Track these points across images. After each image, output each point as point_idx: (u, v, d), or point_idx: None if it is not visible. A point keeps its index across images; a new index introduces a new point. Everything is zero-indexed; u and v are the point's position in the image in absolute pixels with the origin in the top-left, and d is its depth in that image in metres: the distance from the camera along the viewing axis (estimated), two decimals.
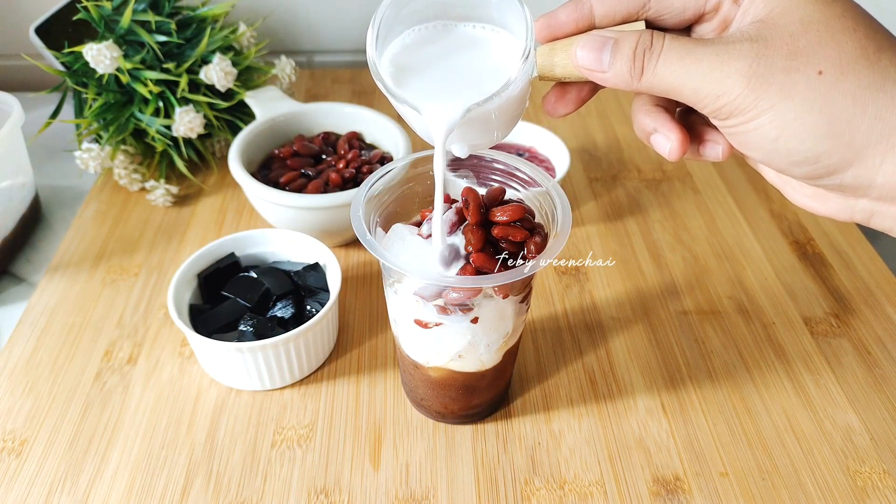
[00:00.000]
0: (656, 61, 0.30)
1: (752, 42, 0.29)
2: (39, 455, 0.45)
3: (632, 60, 0.31)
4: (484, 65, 0.36)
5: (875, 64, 0.28)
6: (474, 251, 0.38)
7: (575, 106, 0.36)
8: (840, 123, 0.28)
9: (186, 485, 0.44)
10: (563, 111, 0.37)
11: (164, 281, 0.58)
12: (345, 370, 0.51)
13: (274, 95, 0.68)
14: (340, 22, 0.89)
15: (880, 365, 0.52)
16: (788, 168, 0.31)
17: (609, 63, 0.31)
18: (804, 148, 0.29)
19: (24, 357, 0.52)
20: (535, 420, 0.48)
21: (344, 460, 0.45)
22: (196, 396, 0.49)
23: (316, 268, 0.53)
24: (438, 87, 0.35)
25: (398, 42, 0.36)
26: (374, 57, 0.34)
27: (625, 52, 0.31)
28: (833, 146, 0.29)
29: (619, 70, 0.31)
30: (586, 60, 0.32)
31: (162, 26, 0.65)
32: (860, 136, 0.29)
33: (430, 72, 0.36)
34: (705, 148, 0.35)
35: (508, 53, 0.36)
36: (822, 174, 0.30)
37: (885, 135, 0.28)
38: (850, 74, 0.28)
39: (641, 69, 0.31)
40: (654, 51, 0.30)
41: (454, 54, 0.36)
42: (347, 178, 0.59)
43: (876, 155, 0.29)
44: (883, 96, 0.28)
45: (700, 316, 0.56)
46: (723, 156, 0.35)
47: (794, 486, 0.44)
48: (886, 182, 0.29)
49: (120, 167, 0.66)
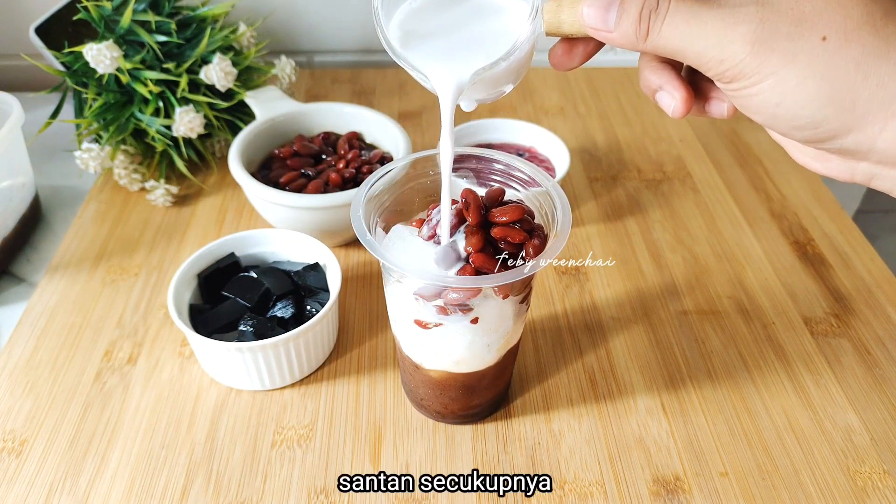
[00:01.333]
0: (661, 23, 0.30)
1: (757, 6, 0.29)
2: (39, 455, 0.45)
3: (637, 21, 0.31)
4: (491, 27, 0.36)
5: (881, 30, 0.28)
6: (474, 252, 0.38)
7: (581, 60, 0.36)
8: (842, 91, 0.29)
9: (186, 485, 0.44)
10: (569, 65, 0.36)
11: (164, 281, 0.58)
12: (345, 370, 0.51)
13: (274, 95, 0.68)
14: (340, 22, 0.89)
15: (880, 365, 0.52)
16: (790, 132, 0.31)
17: (615, 23, 0.31)
18: (805, 114, 0.29)
19: (24, 357, 0.52)
20: (535, 420, 0.48)
21: (344, 460, 0.45)
22: (196, 396, 0.49)
23: (316, 268, 0.53)
24: (447, 50, 0.35)
25: (405, 7, 0.36)
26: (382, 20, 0.34)
27: (631, 13, 0.31)
28: (834, 112, 0.29)
29: (625, 30, 0.31)
30: (592, 19, 0.32)
31: (162, 26, 0.65)
32: (861, 104, 0.29)
33: (438, 36, 0.36)
34: (710, 105, 0.35)
35: (515, 14, 0.36)
36: (822, 138, 0.31)
37: (887, 102, 0.28)
38: (854, 41, 0.28)
39: (647, 30, 0.31)
40: (660, 12, 0.30)
41: (461, 18, 0.36)
42: (347, 178, 0.59)
43: (877, 122, 0.29)
44: (886, 64, 0.28)
45: (700, 316, 0.56)
46: (727, 113, 0.35)
47: (794, 486, 0.44)
48: (887, 147, 0.29)
49: (120, 167, 0.66)
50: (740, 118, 0.82)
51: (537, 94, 0.86)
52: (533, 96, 0.85)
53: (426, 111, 0.82)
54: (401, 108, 0.82)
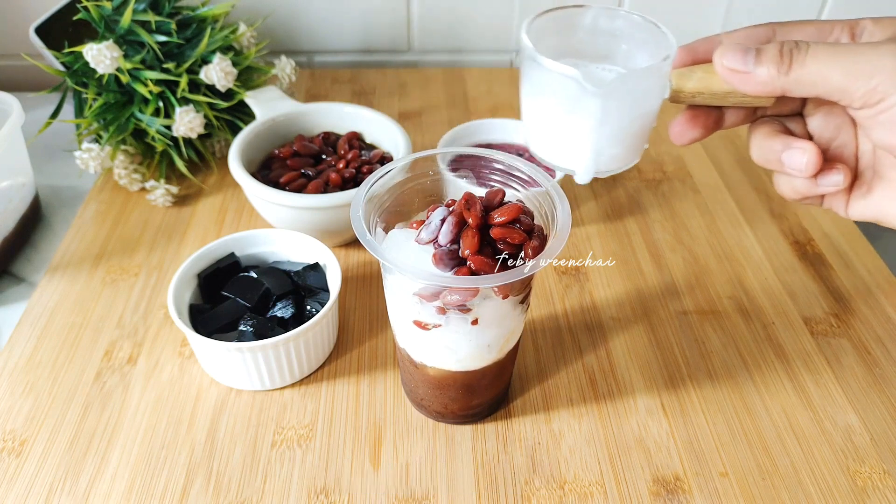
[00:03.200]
0: (805, 54, 0.32)
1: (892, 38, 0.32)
2: (39, 455, 0.45)
3: (779, 56, 0.32)
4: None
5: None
6: (472, 253, 0.38)
7: (702, 131, 0.38)
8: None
9: (186, 485, 0.44)
10: (689, 136, 0.38)
11: (164, 281, 0.58)
12: (345, 370, 0.51)
13: (274, 95, 0.68)
14: (340, 22, 0.89)
15: (880, 365, 0.52)
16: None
17: (754, 63, 0.33)
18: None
19: (24, 357, 0.52)
20: (535, 420, 0.48)
21: (344, 460, 0.45)
22: (196, 396, 0.49)
23: (316, 268, 0.53)
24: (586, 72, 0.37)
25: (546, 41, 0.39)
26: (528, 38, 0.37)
27: (771, 52, 0.33)
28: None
29: (767, 66, 0.32)
30: (731, 61, 0.33)
31: (162, 26, 0.65)
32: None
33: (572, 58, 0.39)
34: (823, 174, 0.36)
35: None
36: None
37: None
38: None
39: (790, 62, 0.32)
40: (802, 47, 0.32)
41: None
42: (347, 178, 0.59)
43: None
44: None
45: (700, 316, 0.56)
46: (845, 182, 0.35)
47: (794, 486, 0.44)
48: None
49: (120, 167, 0.66)
50: None
51: None
52: None
53: (426, 111, 0.82)
54: (401, 108, 0.82)
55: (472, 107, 0.83)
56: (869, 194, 0.36)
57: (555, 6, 0.40)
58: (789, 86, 0.33)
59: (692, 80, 0.36)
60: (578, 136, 0.38)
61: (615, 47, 0.41)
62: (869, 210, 0.36)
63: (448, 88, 0.86)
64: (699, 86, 0.36)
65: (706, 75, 0.36)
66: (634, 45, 0.40)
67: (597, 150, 0.38)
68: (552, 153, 0.40)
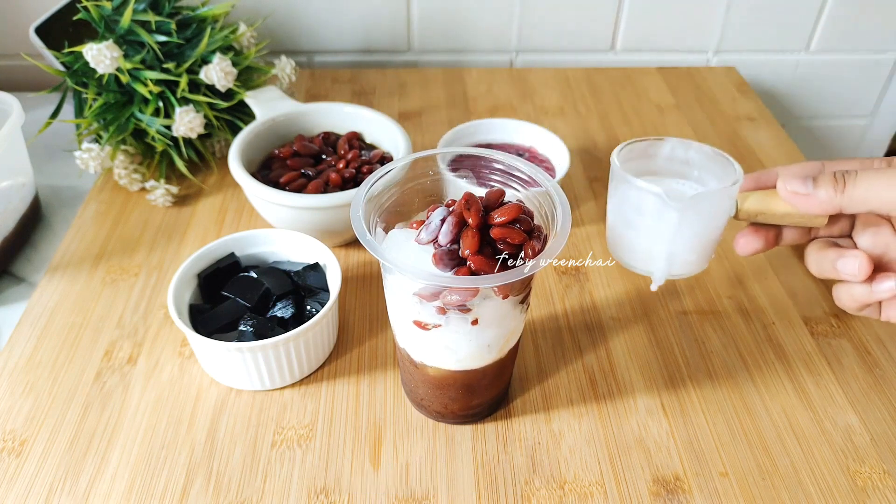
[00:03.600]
0: (854, 178, 0.39)
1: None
2: (39, 455, 0.45)
3: (833, 181, 0.39)
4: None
5: None
6: (471, 254, 0.38)
7: (764, 244, 0.45)
8: None
9: (186, 485, 0.44)
10: (752, 248, 0.45)
11: (164, 281, 0.58)
12: (345, 370, 0.51)
13: (274, 95, 0.68)
14: (340, 22, 0.89)
15: (880, 365, 0.52)
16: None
17: (813, 187, 0.39)
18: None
19: (24, 357, 0.52)
20: (535, 420, 0.48)
21: (344, 460, 0.45)
22: (196, 396, 0.49)
23: (316, 268, 0.53)
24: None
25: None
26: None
27: (826, 178, 0.39)
28: None
29: (825, 189, 0.39)
30: (793, 185, 0.40)
31: (162, 26, 0.65)
32: None
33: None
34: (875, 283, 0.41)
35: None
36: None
37: None
38: None
39: (844, 184, 0.39)
40: (852, 173, 0.39)
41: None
42: (347, 178, 0.59)
43: None
44: None
45: (700, 316, 0.56)
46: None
47: (794, 486, 0.44)
48: None
49: (120, 167, 0.66)
50: (739, 116, 0.82)
51: (537, 94, 0.86)
52: (533, 96, 0.85)
53: (426, 111, 0.82)
54: (401, 108, 0.82)
55: (472, 107, 0.83)
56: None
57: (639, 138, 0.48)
58: (844, 203, 0.39)
59: (755, 201, 0.43)
60: (657, 243, 0.44)
61: (688, 172, 0.48)
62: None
63: (448, 88, 0.86)
64: (761, 207, 0.43)
65: (768, 198, 0.42)
66: (705, 171, 0.47)
67: (671, 256, 0.44)
68: (633, 258, 0.47)
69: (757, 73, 0.96)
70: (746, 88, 0.89)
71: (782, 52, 0.94)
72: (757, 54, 0.94)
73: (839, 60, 0.96)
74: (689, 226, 0.44)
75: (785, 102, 0.99)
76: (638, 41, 0.93)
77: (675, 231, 0.43)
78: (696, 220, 0.44)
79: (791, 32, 0.93)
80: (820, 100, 0.99)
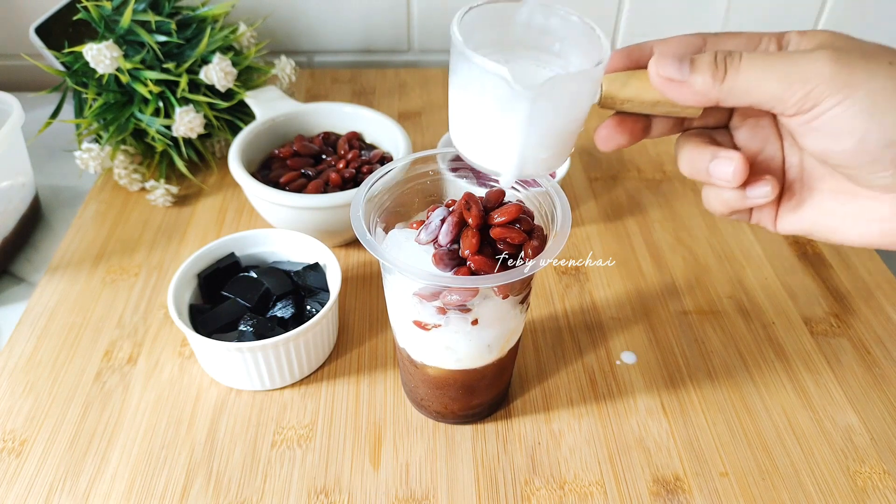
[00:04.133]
0: (739, 61, 0.31)
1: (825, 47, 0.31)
2: (39, 455, 0.45)
3: (713, 65, 0.32)
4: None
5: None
6: (472, 254, 0.38)
7: (629, 138, 0.38)
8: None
9: (186, 485, 0.44)
10: (615, 142, 0.38)
11: (164, 281, 0.58)
12: (345, 370, 0.51)
13: (274, 95, 0.68)
14: (340, 22, 0.89)
15: (880, 365, 0.52)
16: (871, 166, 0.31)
17: (689, 71, 0.32)
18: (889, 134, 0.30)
19: (24, 357, 0.52)
20: (535, 420, 0.48)
21: (344, 460, 0.45)
22: (196, 396, 0.49)
23: (316, 268, 0.53)
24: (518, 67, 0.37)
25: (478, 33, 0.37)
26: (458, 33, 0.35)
27: (705, 60, 0.32)
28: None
29: (702, 76, 0.32)
30: (666, 70, 0.33)
31: (162, 26, 0.65)
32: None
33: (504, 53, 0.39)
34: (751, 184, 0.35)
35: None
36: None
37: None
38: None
39: (725, 70, 0.32)
40: (735, 55, 0.32)
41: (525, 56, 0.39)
42: (347, 178, 0.59)
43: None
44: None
45: (700, 316, 0.56)
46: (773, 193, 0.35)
47: (794, 486, 0.44)
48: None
49: (120, 167, 0.66)
50: None
51: None
52: None
53: (426, 111, 0.82)
54: (401, 108, 0.82)
55: None
56: (799, 207, 0.36)
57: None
58: (723, 95, 0.32)
59: (623, 86, 0.36)
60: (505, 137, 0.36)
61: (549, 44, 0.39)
62: (799, 223, 0.36)
63: (448, 88, 0.86)
64: (629, 93, 0.36)
65: (637, 82, 0.35)
66: (568, 44, 0.38)
67: (523, 153, 0.36)
68: (477, 153, 0.38)
69: None
70: None
71: None
72: None
73: None
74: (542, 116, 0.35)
75: None
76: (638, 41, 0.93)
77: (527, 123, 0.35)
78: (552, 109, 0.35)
79: None
80: None
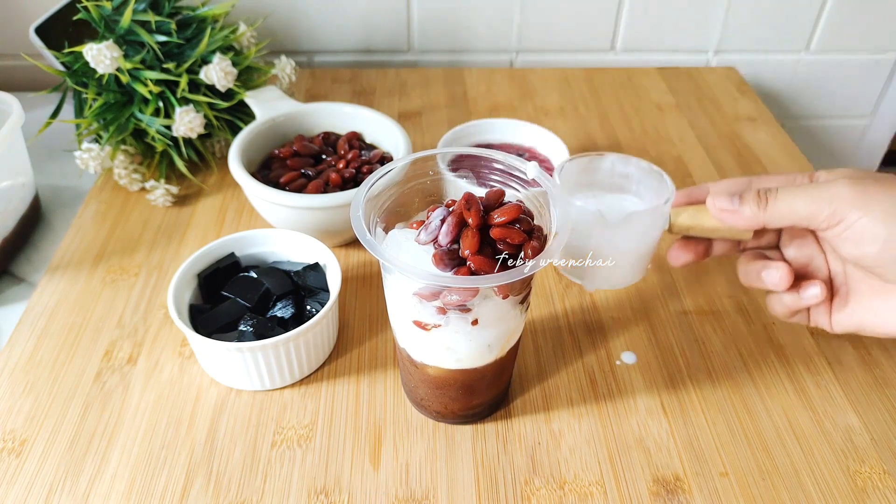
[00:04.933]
0: (776, 195, 0.41)
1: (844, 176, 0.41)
2: (39, 455, 0.45)
3: (757, 198, 0.42)
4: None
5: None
6: (473, 253, 0.38)
7: (694, 256, 0.48)
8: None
9: (186, 485, 0.44)
10: (683, 259, 0.48)
11: (164, 281, 0.58)
12: (345, 370, 0.51)
13: (274, 95, 0.68)
14: (340, 22, 0.89)
15: (880, 365, 0.52)
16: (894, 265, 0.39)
17: (739, 203, 0.43)
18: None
19: (24, 357, 0.52)
20: (535, 420, 0.48)
21: (344, 460, 0.45)
22: (196, 396, 0.49)
23: (316, 268, 0.53)
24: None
25: None
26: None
27: (751, 195, 0.42)
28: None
29: (749, 205, 0.42)
30: (721, 202, 0.43)
31: (162, 26, 0.65)
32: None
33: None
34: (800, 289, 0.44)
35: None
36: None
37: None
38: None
39: (766, 201, 0.42)
40: (774, 189, 0.42)
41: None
42: (347, 178, 0.59)
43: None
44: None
45: (700, 316, 0.56)
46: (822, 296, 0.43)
47: (794, 486, 0.44)
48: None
49: (120, 167, 0.66)
50: (739, 117, 0.82)
51: (537, 94, 0.86)
52: (533, 96, 0.85)
53: (426, 111, 0.82)
54: (401, 108, 0.82)
55: (472, 107, 0.83)
56: (847, 307, 0.43)
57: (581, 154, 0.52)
58: (767, 219, 0.42)
59: (687, 217, 0.46)
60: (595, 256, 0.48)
61: (628, 186, 0.52)
62: (850, 321, 0.43)
63: (448, 88, 0.86)
64: (692, 222, 0.46)
65: (698, 213, 0.45)
66: (643, 185, 0.51)
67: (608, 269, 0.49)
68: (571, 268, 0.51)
69: (757, 74, 0.96)
70: (746, 88, 0.89)
71: (782, 52, 0.95)
72: (757, 54, 0.94)
73: (839, 60, 0.96)
74: (623, 241, 0.47)
75: (785, 102, 0.99)
76: (638, 41, 0.93)
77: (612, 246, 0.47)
78: (631, 236, 0.47)
79: (791, 32, 0.93)
80: (820, 100, 0.99)
